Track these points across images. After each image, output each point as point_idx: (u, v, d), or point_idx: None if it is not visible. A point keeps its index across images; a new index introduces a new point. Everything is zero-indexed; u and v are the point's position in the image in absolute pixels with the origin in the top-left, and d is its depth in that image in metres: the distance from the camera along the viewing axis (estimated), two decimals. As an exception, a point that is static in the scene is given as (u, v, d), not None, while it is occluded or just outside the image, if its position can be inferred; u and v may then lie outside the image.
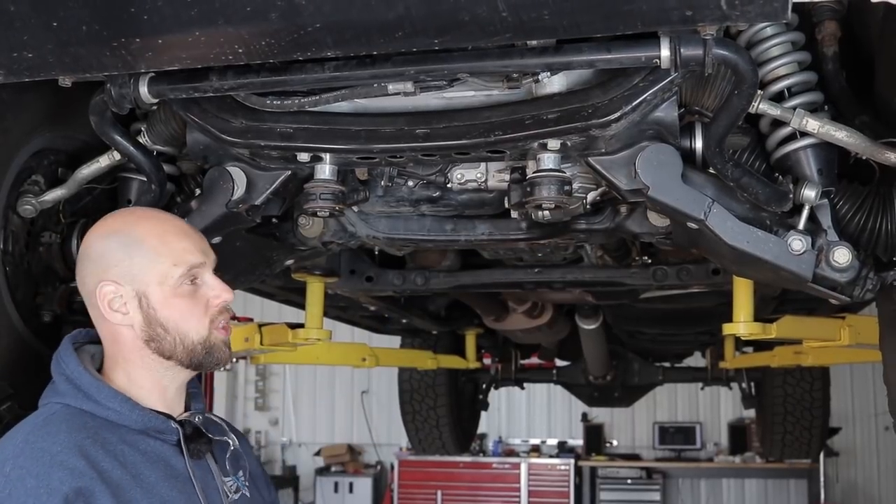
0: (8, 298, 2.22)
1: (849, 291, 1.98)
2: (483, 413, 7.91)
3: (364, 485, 11.71)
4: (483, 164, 2.16)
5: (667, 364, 7.07)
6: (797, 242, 1.89)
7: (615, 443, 11.99)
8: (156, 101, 1.88)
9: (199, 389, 1.84)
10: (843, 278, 1.93)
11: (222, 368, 1.77)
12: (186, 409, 1.78)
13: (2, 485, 1.48)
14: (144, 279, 1.67)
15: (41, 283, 2.39)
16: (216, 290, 1.72)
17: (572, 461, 11.19)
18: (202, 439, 1.71)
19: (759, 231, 1.89)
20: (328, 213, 2.06)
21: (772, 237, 1.90)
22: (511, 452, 11.79)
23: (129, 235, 1.69)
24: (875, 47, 2.01)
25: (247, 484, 1.80)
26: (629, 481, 11.16)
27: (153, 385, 1.71)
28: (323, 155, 1.97)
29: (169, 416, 1.70)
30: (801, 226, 1.91)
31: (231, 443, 1.76)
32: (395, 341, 6.43)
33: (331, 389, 12.53)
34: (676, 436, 11.54)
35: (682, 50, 1.60)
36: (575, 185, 2.05)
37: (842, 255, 1.92)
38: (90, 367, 1.70)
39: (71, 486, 1.48)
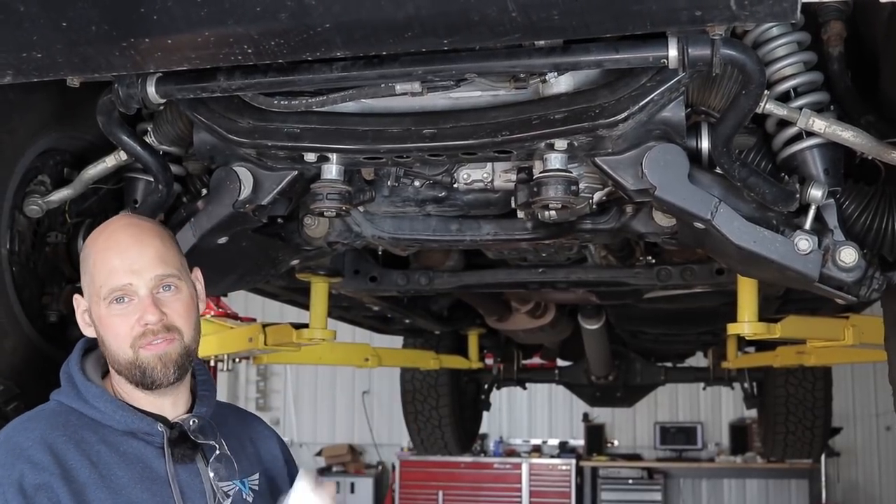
0: (14, 298, 2.22)
1: (855, 291, 1.98)
2: (484, 413, 7.92)
3: (365, 485, 11.71)
4: (489, 165, 2.16)
5: (669, 364, 7.07)
6: (804, 242, 1.90)
7: (616, 443, 11.98)
8: (163, 101, 1.88)
9: (210, 392, 1.82)
10: (850, 278, 1.94)
11: (162, 385, 1.69)
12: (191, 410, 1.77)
13: None
14: (87, 295, 1.74)
15: (47, 283, 2.39)
16: (137, 313, 1.67)
17: (573, 461, 11.18)
18: (187, 443, 1.70)
19: (765, 231, 1.90)
20: (335, 214, 2.06)
21: (778, 237, 1.90)
22: (512, 453, 11.78)
23: (85, 250, 1.77)
24: (880, 47, 2.01)
25: (254, 488, 1.78)
26: (630, 481, 11.15)
27: (135, 389, 1.71)
28: (330, 155, 1.97)
29: (160, 419, 1.70)
30: (807, 226, 1.92)
31: (217, 447, 1.73)
32: (396, 341, 6.43)
33: (332, 390, 12.53)
34: (678, 436, 11.53)
35: (689, 50, 1.60)
36: (581, 185, 2.05)
37: (848, 255, 1.92)
38: (89, 369, 1.75)
39: (31, 479, 1.54)
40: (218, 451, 1.73)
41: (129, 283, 1.67)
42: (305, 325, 3.61)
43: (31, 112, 2.19)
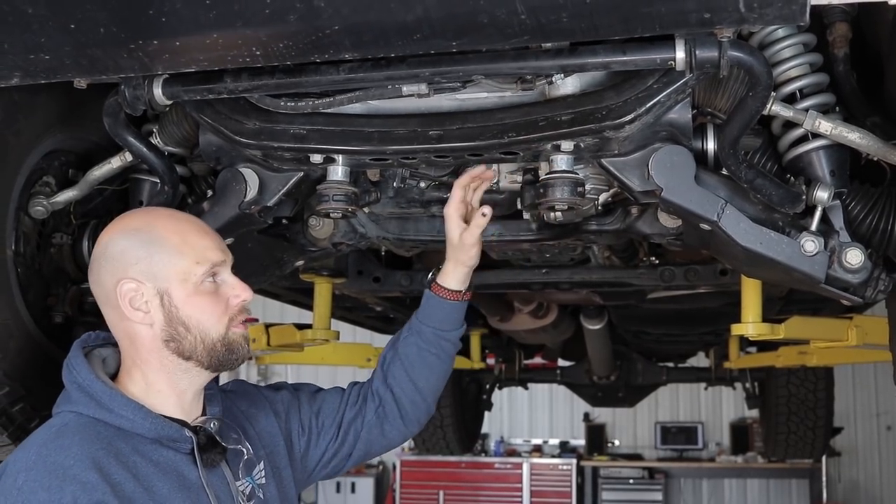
0: (20, 300, 2.22)
1: (861, 292, 1.98)
2: (485, 413, 7.92)
3: (366, 485, 11.72)
4: (495, 166, 2.16)
5: (670, 364, 7.07)
6: (810, 244, 1.89)
7: (617, 443, 12.01)
8: (169, 102, 1.88)
9: (216, 391, 1.80)
10: (856, 279, 1.93)
11: (236, 366, 1.74)
12: (204, 412, 1.75)
13: (14, 497, 1.47)
14: (166, 277, 1.65)
15: (52, 284, 2.38)
16: (236, 290, 1.71)
17: (574, 461, 11.20)
18: (216, 448, 1.67)
19: (772, 232, 1.89)
20: (341, 215, 2.06)
21: (785, 238, 1.90)
22: (513, 452, 11.80)
23: (149, 234, 1.67)
24: (886, 49, 2.01)
25: (262, 481, 1.76)
26: (631, 481, 11.17)
27: (170, 388, 1.68)
28: (336, 156, 1.97)
29: (184, 424, 1.66)
30: (813, 227, 1.91)
31: (245, 451, 1.72)
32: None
33: (332, 390, 12.51)
34: (678, 436, 11.55)
35: (697, 52, 1.60)
36: (587, 187, 2.05)
37: (854, 257, 1.91)
38: (101, 374, 1.67)
39: (83, 501, 1.46)
40: (246, 457, 1.71)
41: (223, 261, 1.70)
42: (308, 326, 3.62)
43: (36, 113, 2.18)
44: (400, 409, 2.02)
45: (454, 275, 2.03)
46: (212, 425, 1.70)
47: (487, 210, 1.94)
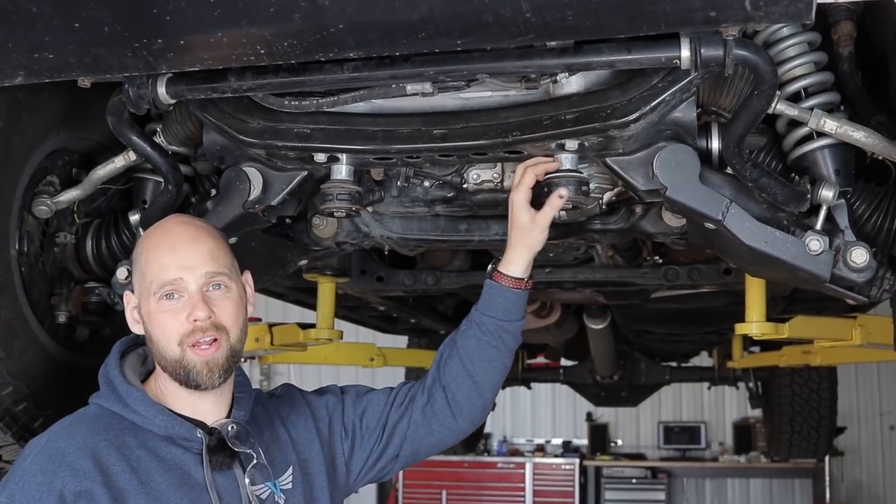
0: (24, 299, 2.22)
1: (866, 291, 1.97)
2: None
3: (368, 485, 11.70)
4: (499, 165, 2.15)
5: (673, 364, 7.05)
6: (815, 243, 1.89)
7: (620, 442, 11.98)
8: (173, 101, 1.88)
9: (247, 393, 1.80)
10: (861, 278, 1.93)
11: (207, 388, 1.68)
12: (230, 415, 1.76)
13: (19, 476, 1.58)
14: (139, 291, 1.74)
15: (56, 283, 2.39)
16: (187, 309, 1.67)
17: (577, 461, 11.19)
18: (225, 451, 1.69)
19: (776, 231, 1.89)
20: (344, 214, 2.06)
21: (790, 237, 1.89)
22: (515, 452, 11.79)
23: (138, 247, 1.78)
24: (890, 47, 2.00)
25: (288, 487, 1.76)
26: (634, 481, 11.16)
27: (180, 388, 1.70)
28: (340, 155, 1.97)
29: (199, 424, 1.69)
30: (818, 226, 1.91)
31: (255, 456, 1.72)
32: (400, 341, 6.42)
33: (335, 389, 12.50)
34: (681, 435, 11.53)
35: (702, 50, 1.60)
36: (592, 186, 2.05)
37: (859, 256, 1.91)
38: (128, 372, 1.74)
39: (71, 487, 1.55)
40: (255, 461, 1.71)
41: (179, 278, 1.67)
42: (312, 325, 3.61)
43: (39, 112, 2.18)
44: (452, 406, 1.95)
45: (519, 261, 1.93)
46: (230, 428, 1.71)
47: (564, 192, 1.88)
